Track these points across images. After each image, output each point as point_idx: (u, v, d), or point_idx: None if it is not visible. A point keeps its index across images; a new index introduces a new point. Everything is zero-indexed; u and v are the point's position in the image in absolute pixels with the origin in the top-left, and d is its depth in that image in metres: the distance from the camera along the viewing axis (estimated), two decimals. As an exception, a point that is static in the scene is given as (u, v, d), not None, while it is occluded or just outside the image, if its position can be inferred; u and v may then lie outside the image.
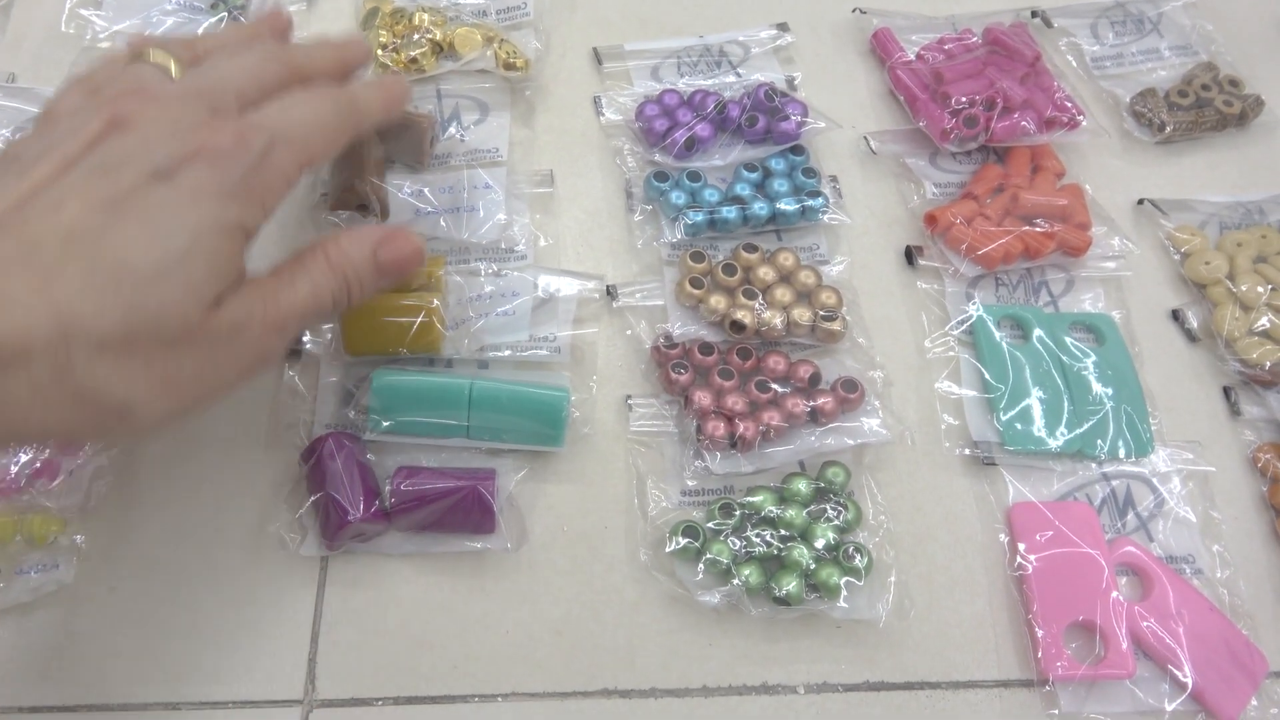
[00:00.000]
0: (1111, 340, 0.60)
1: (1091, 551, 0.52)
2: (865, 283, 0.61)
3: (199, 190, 0.36)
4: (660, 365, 0.56)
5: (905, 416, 0.56)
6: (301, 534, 0.50)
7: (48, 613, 0.48)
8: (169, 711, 0.46)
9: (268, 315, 0.39)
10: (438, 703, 0.47)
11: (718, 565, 0.50)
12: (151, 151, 0.36)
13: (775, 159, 0.63)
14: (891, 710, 0.49)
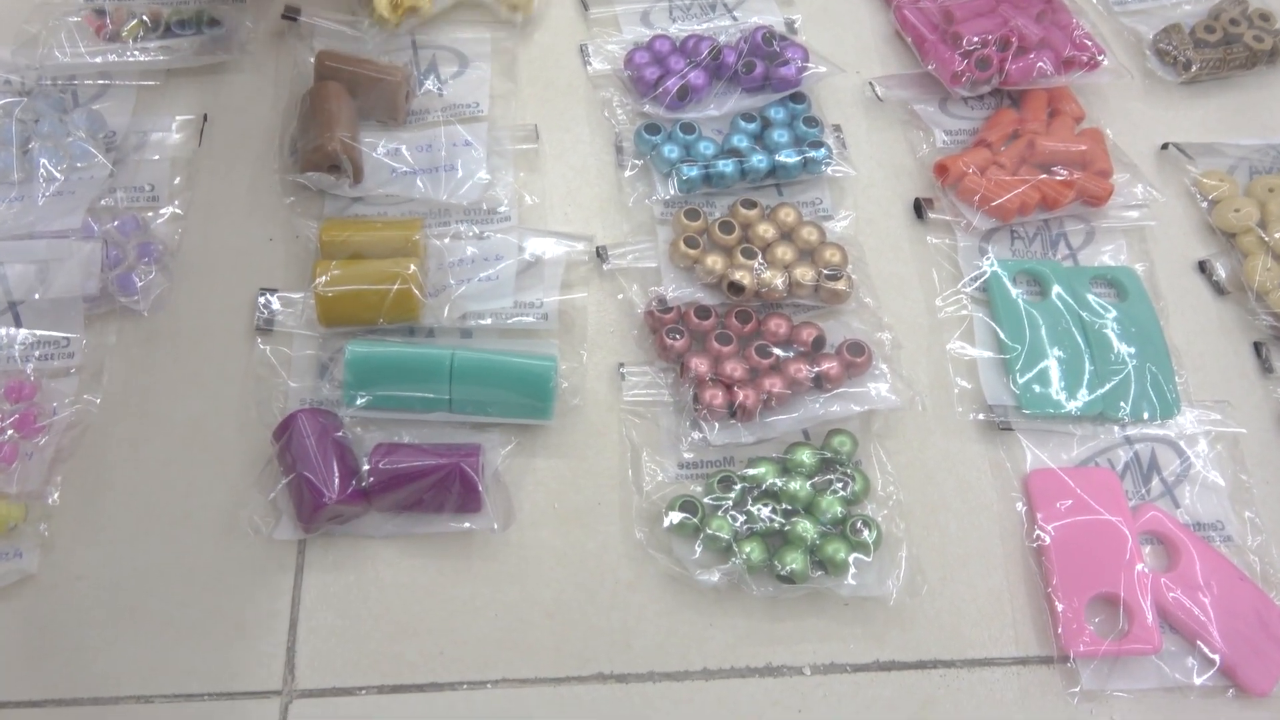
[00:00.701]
0: (1135, 295, 0.56)
1: (1114, 519, 0.49)
2: (872, 239, 0.57)
3: None
4: (654, 331, 0.52)
5: (915, 380, 0.53)
6: (276, 517, 0.47)
7: (11, 604, 0.46)
8: (141, 704, 0.44)
9: None
10: (424, 691, 0.45)
11: (717, 542, 0.47)
12: None
13: (774, 108, 0.59)
14: (904, 690, 0.46)
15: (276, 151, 0.57)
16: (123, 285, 0.50)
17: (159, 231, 0.53)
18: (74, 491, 0.48)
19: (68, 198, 0.52)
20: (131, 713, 0.44)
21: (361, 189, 0.54)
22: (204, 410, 0.50)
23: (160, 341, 0.52)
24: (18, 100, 0.54)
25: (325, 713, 0.44)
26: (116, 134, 0.56)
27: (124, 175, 0.55)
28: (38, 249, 0.50)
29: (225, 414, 0.50)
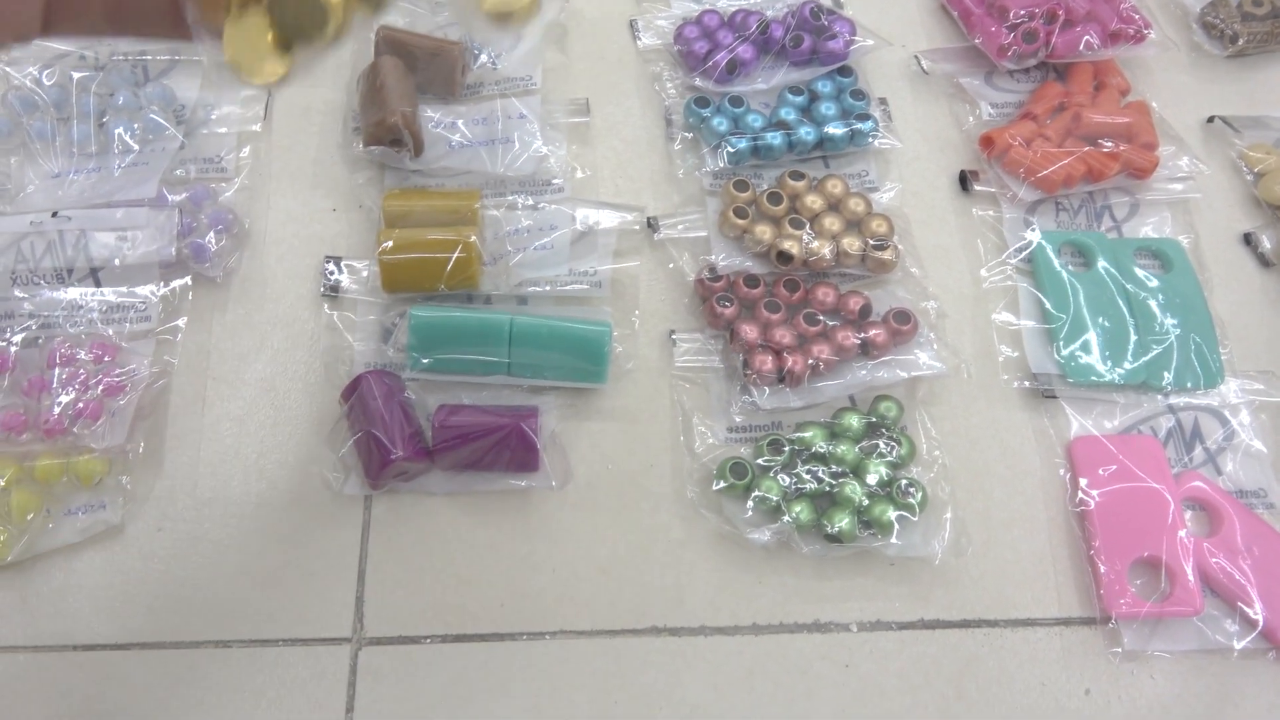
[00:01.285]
0: (1179, 266, 0.57)
1: (1157, 486, 0.50)
2: (917, 210, 0.58)
3: None
4: (704, 299, 0.54)
5: (960, 349, 0.54)
6: (344, 473, 0.49)
7: (97, 553, 0.48)
8: (219, 649, 0.46)
9: None
10: (486, 640, 0.47)
11: (767, 502, 0.48)
12: None
13: (822, 81, 0.60)
14: (947, 648, 0.48)
15: (339, 125, 0.59)
16: (196, 252, 0.52)
17: (228, 201, 0.55)
18: (153, 449, 0.50)
19: (142, 168, 0.55)
20: (210, 656, 0.46)
21: (421, 161, 0.56)
22: (274, 371, 0.52)
23: (232, 306, 0.54)
24: (94, 75, 0.56)
25: (392, 659, 0.46)
26: (186, 108, 0.58)
27: (194, 147, 0.57)
28: (116, 217, 0.52)
29: (294, 375, 0.52)
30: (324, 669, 0.46)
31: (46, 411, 0.48)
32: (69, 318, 0.51)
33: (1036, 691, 0.47)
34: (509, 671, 0.46)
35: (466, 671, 0.46)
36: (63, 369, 0.49)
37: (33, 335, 0.50)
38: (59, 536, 0.48)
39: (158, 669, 0.46)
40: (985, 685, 0.47)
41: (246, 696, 0.45)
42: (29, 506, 0.47)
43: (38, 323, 0.51)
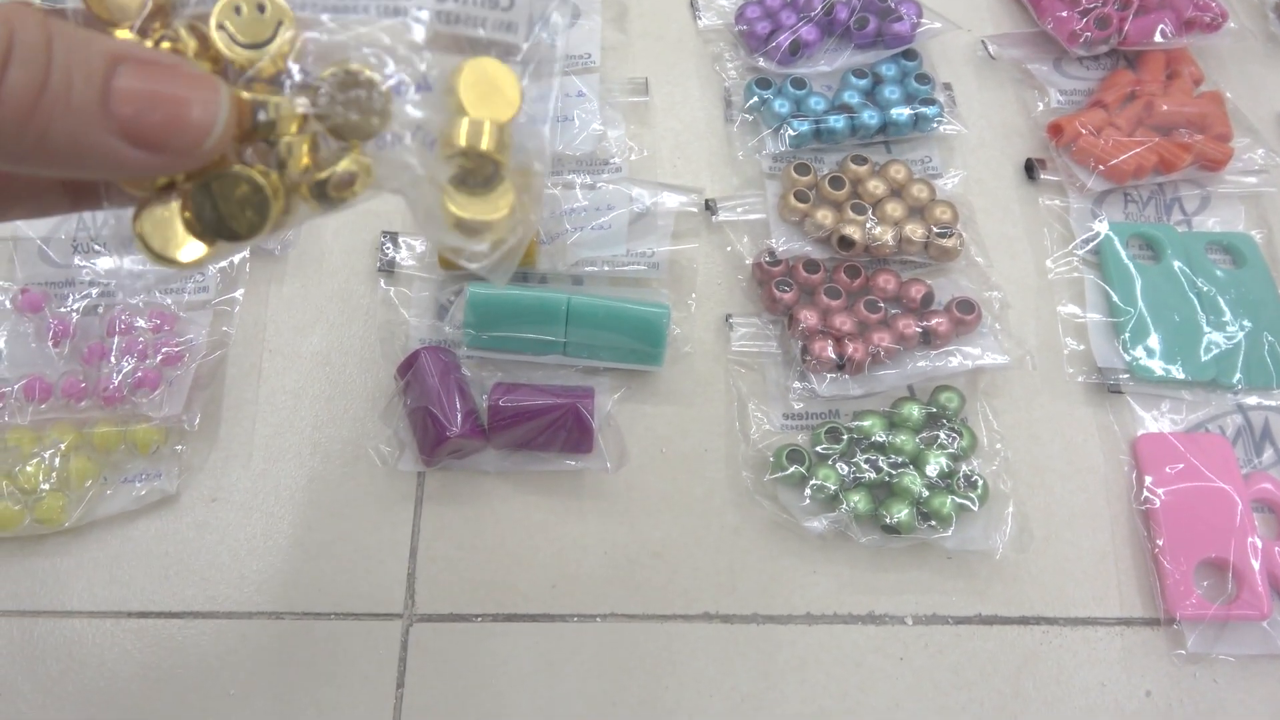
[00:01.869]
0: (1252, 262, 0.55)
1: (1225, 486, 0.49)
2: (981, 198, 0.57)
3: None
4: (763, 283, 0.53)
5: (1024, 340, 0.53)
6: (398, 449, 0.49)
7: (152, 521, 0.48)
8: (272, 620, 0.46)
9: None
10: (536, 621, 0.47)
11: (824, 491, 0.48)
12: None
13: (886, 64, 0.59)
14: (1005, 645, 0.47)
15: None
16: (254, 224, 0.52)
17: (286, 174, 0.55)
18: (209, 419, 0.50)
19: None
20: (262, 627, 0.46)
21: (478, 137, 0.55)
22: (329, 345, 0.52)
23: (289, 279, 0.54)
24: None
25: (443, 636, 0.46)
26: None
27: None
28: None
29: (349, 350, 0.52)
30: (375, 644, 0.46)
31: (106, 379, 0.48)
32: (128, 286, 0.51)
33: (1096, 691, 0.46)
34: (559, 653, 0.46)
35: (516, 651, 0.46)
36: (122, 338, 0.49)
37: (93, 303, 0.51)
38: (116, 504, 0.48)
39: (211, 637, 0.46)
40: (1043, 684, 0.46)
41: (298, 668, 0.45)
42: (87, 473, 0.47)
43: (98, 290, 0.51)
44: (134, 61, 0.21)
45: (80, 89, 0.20)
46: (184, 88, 0.21)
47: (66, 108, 0.20)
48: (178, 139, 0.21)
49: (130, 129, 0.20)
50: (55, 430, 0.48)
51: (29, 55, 0.19)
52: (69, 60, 0.20)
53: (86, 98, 0.20)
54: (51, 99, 0.19)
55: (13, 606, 0.46)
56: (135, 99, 0.20)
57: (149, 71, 0.21)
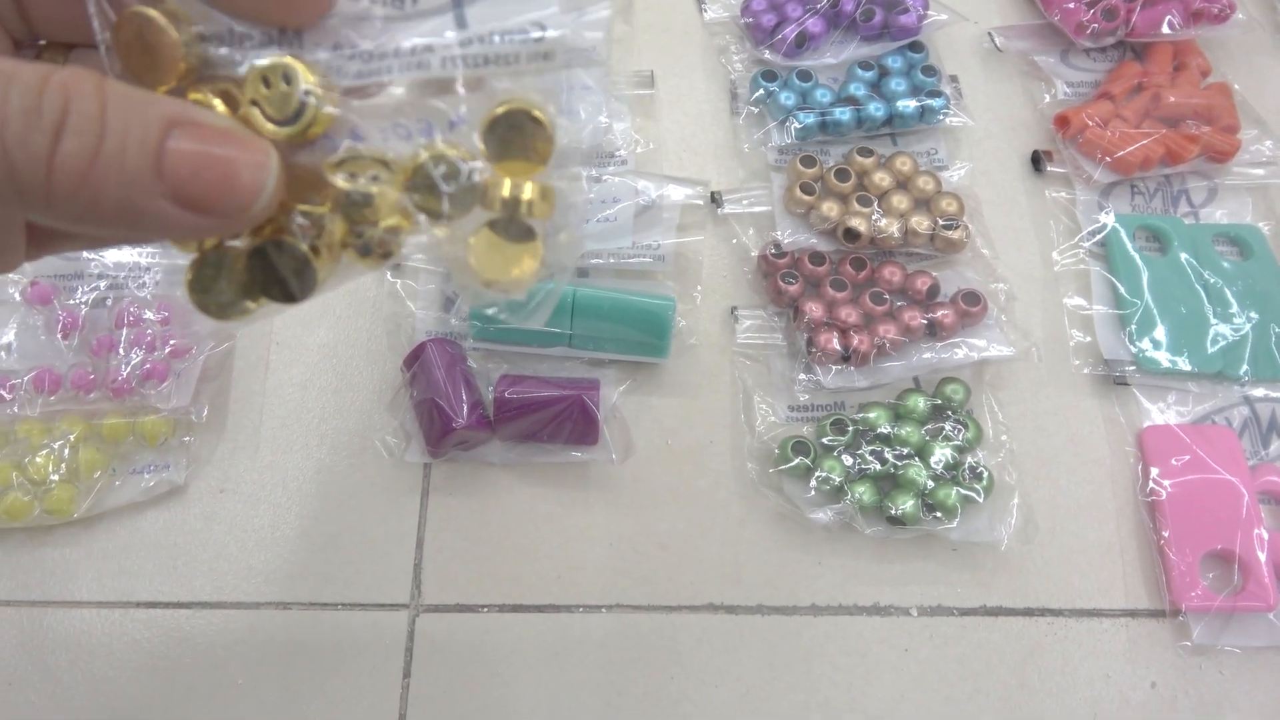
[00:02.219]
0: (1259, 253, 0.55)
1: (1231, 478, 0.49)
2: (988, 190, 0.57)
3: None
4: (768, 275, 0.53)
5: (1030, 332, 0.53)
6: (405, 441, 0.49)
7: (160, 512, 0.49)
8: (279, 610, 0.47)
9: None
10: (542, 611, 0.47)
11: (829, 483, 0.48)
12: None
13: (892, 56, 0.59)
14: (1010, 636, 0.47)
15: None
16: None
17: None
18: (217, 411, 0.50)
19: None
20: (270, 617, 0.47)
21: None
22: (336, 338, 0.52)
23: (295, 271, 0.54)
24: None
25: (449, 627, 0.46)
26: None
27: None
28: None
29: (355, 342, 0.52)
30: (382, 634, 0.46)
31: (114, 371, 0.48)
32: (135, 279, 0.51)
33: (1101, 683, 0.46)
34: (565, 644, 0.46)
35: (522, 642, 0.46)
36: (130, 330, 0.49)
37: (101, 296, 0.51)
38: (124, 495, 0.48)
39: (218, 628, 0.46)
40: (1048, 675, 0.46)
41: (305, 658, 0.46)
42: (96, 464, 0.48)
43: (107, 283, 0.51)
44: (188, 125, 0.21)
45: (134, 155, 0.20)
46: (235, 150, 0.21)
47: (120, 174, 0.20)
48: (226, 203, 0.21)
49: (181, 193, 0.20)
50: (64, 422, 0.48)
51: (83, 124, 0.19)
52: (125, 126, 0.20)
53: (140, 164, 0.20)
54: (105, 166, 0.20)
55: (22, 597, 0.47)
56: (188, 164, 0.20)
57: (202, 135, 0.21)
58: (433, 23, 0.23)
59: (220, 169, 0.21)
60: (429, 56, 0.23)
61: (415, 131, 0.23)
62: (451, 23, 0.23)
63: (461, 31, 0.23)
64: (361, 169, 0.22)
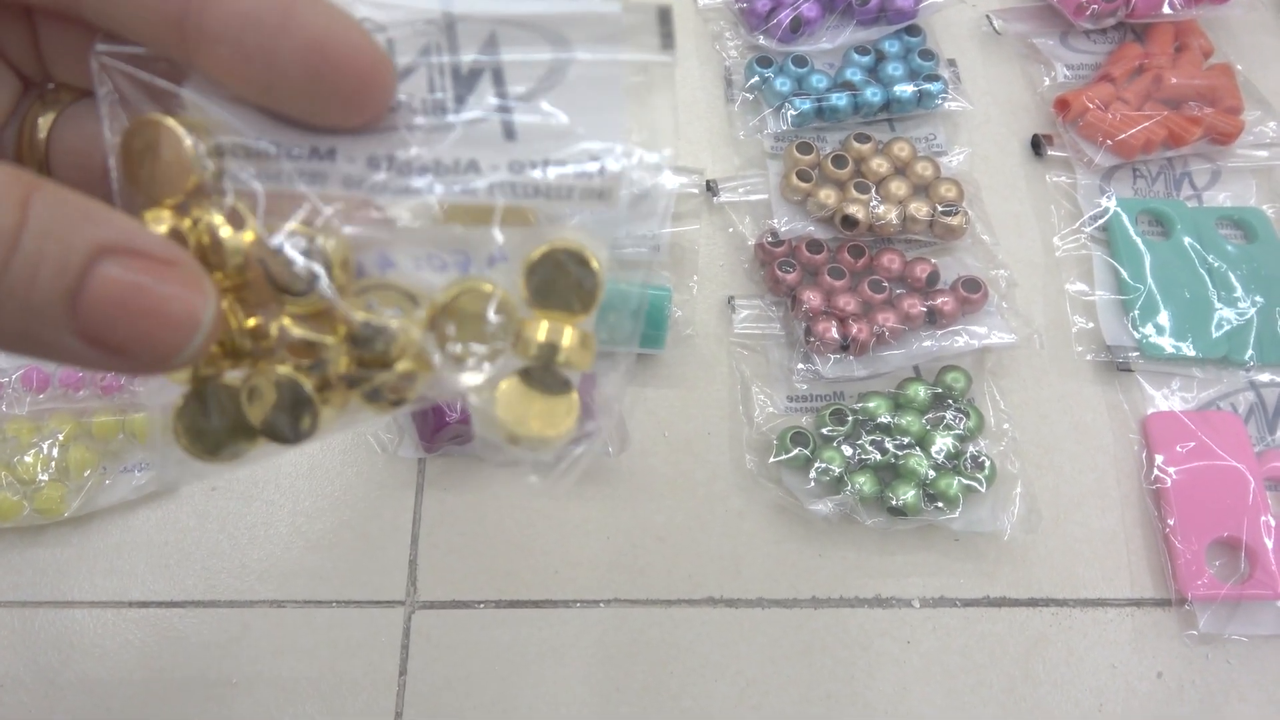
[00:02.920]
0: (1264, 237, 0.54)
1: (1238, 465, 0.48)
2: (987, 175, 0.56)
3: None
4: (765, 264, 0.52)
5: (1031, 319, 0.52)
6: (398, 436, 0.48)
7: (152, 511, 0.48)
8: (274, 609, 0.46)
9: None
10: (540, 607, 0.46)
11: (829, 473, 0.47)
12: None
13: (889, 41, 0.58)
14: (1014, 627, 0.46)
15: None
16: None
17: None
18: (207, 407, 0.50)
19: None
20: (264, 615, 0.46)
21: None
22: (328, 332, 0.52)
23: (285, 266, 0.53)
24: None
25: (446, 623, 0.46)
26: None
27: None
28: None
29: (348, 337, 0.52)
30: (377, 631, 0.45)
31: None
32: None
33: (1106, 673, 0.46)
34: (562, 639, 0.46)
35: (520, 638, 0.46)
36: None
37: (89, 292, 0.50)
38: (115, 493, 0.47)
39: (212, 627, 0.46)
40: (1053, 666, 0.46)
41: (300, 656, 0.45)
42: (86, 463, 0.47)
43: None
44: (122, 253, 0.17)
45: (45, 286, 0.17)
46: (172, 289, 0.18)
47: (23, 305, 0.17)
48: (143, 352, 0.18)
49: (92, 335, 0.17)
50: (54, 420, 0.48)
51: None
52: (41, 250, 0.17)
53: (49, 297, 0.17)
54: (4, 290, 0.17)
55: (13, 597, 0.46)
56: (107, 303, 0.17)
57: (136, 267, 0.17)
58: (480, 135, 0.20)
59: (145, 313, 0.17)
60: (474, 180, 0.20)
61: (451, 264, 0.20)
62: (500, 132, 0.20)
63: (511, 145, 0.20)
64: (385, 301, 0.20)
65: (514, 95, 0.20)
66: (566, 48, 0.20)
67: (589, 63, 0.21)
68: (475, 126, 0.20)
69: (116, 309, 0.17)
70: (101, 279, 0.17)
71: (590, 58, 0.21)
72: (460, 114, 0.20)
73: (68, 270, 0.17)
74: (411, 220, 0.20)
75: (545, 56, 0.20)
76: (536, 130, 0.20)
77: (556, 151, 0.20)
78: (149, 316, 0.17)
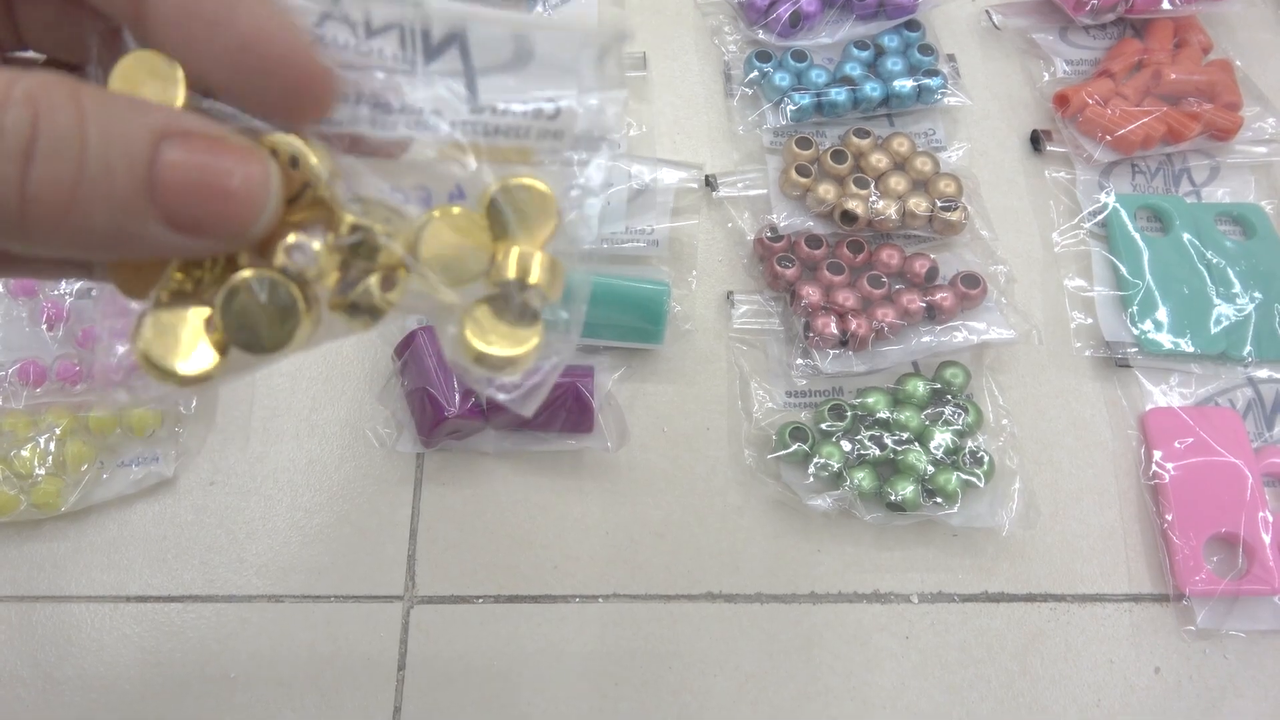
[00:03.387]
0: (1263, 233, 0.54)
1: (1235, 461, 0.48)
2: (986, 171, 0.56)
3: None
4: (764, 259, 0.52)
5: (1031, 314, 0.52)
6: (397, 430, 0.48)
7: (149, 505, 0.48)
8: (272, 603, 0.46)
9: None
10: (538, 602, 0.46)
11: (828, 469, 0.47)
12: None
13: (888, 35, 0.58)
14: (1012, 623, 0.46)
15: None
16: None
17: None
18: (206, 402, 0.50)
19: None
20: (262, 610, 0.46)
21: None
22: (326, 327, 0.52)
23: (283, 260, 0.53)
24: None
25: (444, 618, 0.46)
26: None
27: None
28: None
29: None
30: (376, 626, 0.45)
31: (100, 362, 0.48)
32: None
33: (1104, 669, 0.46)
34: (561, 634, 0.46)
35: (518, 633, 0.46)
36: (116, 320, 0.49)
37: (87, 286, 0.50)
38: (112, 488, 0.47)
39: (210, 621, 0.45)
40: (1051, 661, 0.46)
41: (298, 651, 0.45)
42: (83, 457, 0.47)
43: (91, 273, 0.50)
44: (179, 135, 0.18)
45: (123, 177, 0.17)
46: (233, 162, 0.18)
47: (108, 200, 0.17)
48: (225, 224, 0.19)
49: (176, 215, 0.18)
50: (50, 414, 0.47)
51: (59, 145, 0.16)
52: (108, 142, 0.17)
53: (130, 187, 0.17)
54: (89, 192, 0.17)
55: (10, 592, 0.46)
56: (182, 182, 0.18)
57: (196, 146, 0.18)
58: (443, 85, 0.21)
59: (218, 186, 0.18)
60: (437, 120, 0.21)
61: (413, 199, 0.21)
62: (462, 88, 0.21)
63: (473, 98, 0.21)
64: (372, 215, 0.20)
65: (478, 67, 0.21)
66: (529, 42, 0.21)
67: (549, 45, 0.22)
68: (441, 79, 0.21)
69: (191, 189, 0.18)
70: (169, 164, 0.17)
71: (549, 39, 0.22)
72: (429, 68, 0.21)
73: (137, 159, 0.17)
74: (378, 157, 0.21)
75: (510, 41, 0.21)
76: (498, 85, 0.21)
77: (515, 97, 0.21)
78: (221, 191, 0.18)
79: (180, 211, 0.18)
